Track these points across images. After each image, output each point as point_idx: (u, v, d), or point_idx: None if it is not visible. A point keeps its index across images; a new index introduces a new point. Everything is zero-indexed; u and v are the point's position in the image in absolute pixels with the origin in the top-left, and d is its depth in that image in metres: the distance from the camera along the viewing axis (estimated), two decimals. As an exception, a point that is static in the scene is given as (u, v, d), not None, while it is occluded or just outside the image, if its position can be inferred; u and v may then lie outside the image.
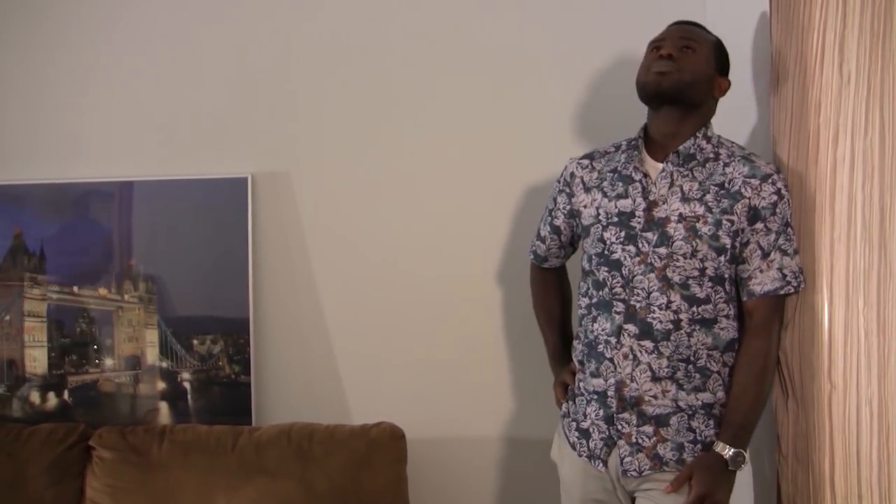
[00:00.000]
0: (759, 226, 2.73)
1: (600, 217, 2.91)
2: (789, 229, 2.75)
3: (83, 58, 3.72)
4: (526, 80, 3.60)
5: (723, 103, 2.94)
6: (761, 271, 2.75)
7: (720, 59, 2.88)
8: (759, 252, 2.75)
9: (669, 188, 2.81)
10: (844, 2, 2.63)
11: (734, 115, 3.18)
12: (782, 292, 2.75)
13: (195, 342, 3.63)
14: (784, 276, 2.74)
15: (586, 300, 2.96)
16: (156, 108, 3.70)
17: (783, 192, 2.74)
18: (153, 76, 3.70)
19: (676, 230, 2.77)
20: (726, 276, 2.78)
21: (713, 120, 2.93)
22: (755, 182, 2.74)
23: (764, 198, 2.73)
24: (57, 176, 3.66)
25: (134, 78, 3.70)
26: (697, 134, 2.82)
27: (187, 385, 3.65)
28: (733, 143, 2.89)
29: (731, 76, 2.92)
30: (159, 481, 3.37)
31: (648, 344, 2.78)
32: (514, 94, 3.61)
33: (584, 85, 3.54)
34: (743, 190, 2.74)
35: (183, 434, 3.47)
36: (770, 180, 2.74)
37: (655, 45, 2.88)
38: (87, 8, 3.72)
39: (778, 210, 2.73)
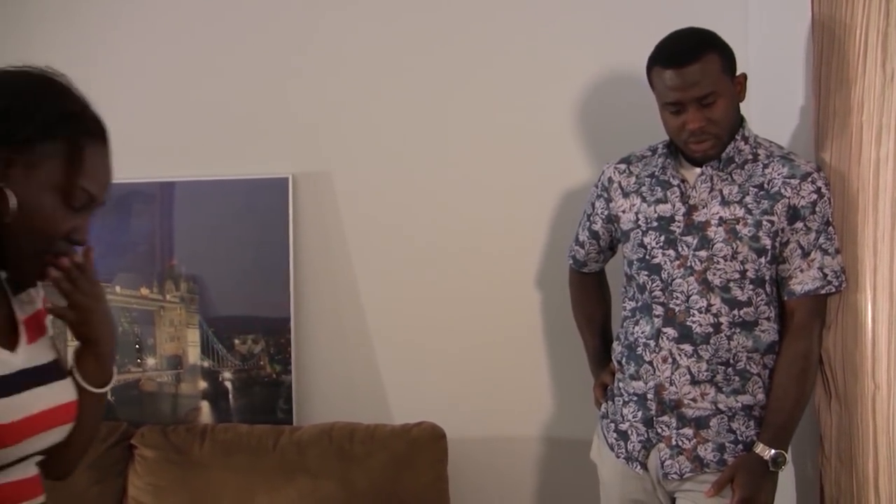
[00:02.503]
0: (800, 225, 2.71)
1: (640, 222, 2.89)
2: (830, 228, 2.73)
3: (125, 59, 3.74)
4: (566, 84, 3.59)
5: (764, 104, 2.93)
6: (802, 271, 2.73)
7: (728, 64, 2.78)
8: (799, 251, 2.72)
9: (709, 192, 2.79)
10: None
11: (776, 116, 3.16)
12: (823, 292, 2.73)
13: (236, 342, 3.65)
14: (825, 275, 2.72)
15: (631, 303, 2.95)
16: (197, 109, 3.71)
17: (823, 190, 2.72)
18: (196, 76, 3.72)
19: (717, 233, 2.75)
20: (767, 277, 2.76)
21: (754, 120, 2.91)
22: (795, 181, 2.72)
23: (804, 197, 2.70)
24: (99, 176, 3.68)
25: (176, 78, 3.72)
26: (736, 136, 2.79)
27: (229, 384, 3.66)
28: (771, 142, 2.86)
29: (772, 75, 2.91)
30: (201, 480, 3.39)
31: (688, 347, 2.77)
32: (556, 97, 3.60)
33: (622, 88, 3.52)
34: (783, 190, 2.72)
35: (224, 433, 3.48)
36: (810, 179, 2.72)
37: (674, 110, 2.76)
38: (125, 7, 3.74)
39: (818, 209, 2.71)
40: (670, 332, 2.80)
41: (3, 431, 1.68)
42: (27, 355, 1.78)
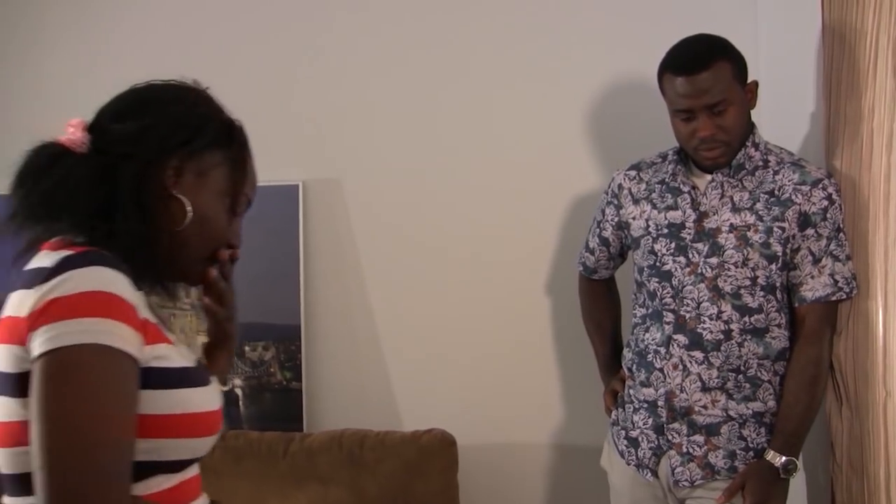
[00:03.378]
0: (810, 231, 2.71)
1: (650, 229, 2.89)
2: (841, 235, 2.73)
3: (135, 66, 3.73)
4: (577, 90, 3.59)
5: (775, 110, 2.92)
6: (812, 277, 2.72)
7: (740, 72, 2.77)
8: (810, 258, 2.72)
9: (720, 199, 2.79)
10: (898, 4, 2.60)
11: (787, 122, 3.16)
12: (834, 298, 2.73)
13: (247, 349, 3.65)
14: (836, 281, 2.72)
15: (642, 310, 2.95)
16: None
17: (834, 196, 2.72)
18: (206, 84, 3.72)
19: (727, 240, 2.75)
20: (778, 284, 2.75)
21: (765, 127, 2.90)
22: (806, 188, 2.71)
23: (814, 203, 2.70)
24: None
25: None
26: (747, 143, 2.79)
27: (239, 392, 3.67)
28: (782, 149, 2.86)
29: (783, 82, 2.90)
30: (211, 487, 3.36)
31: (698, 354, 2.77)
32: (566, 103, 3.60)
33: (632, 94, 3.52)
34: (793, 196, 2.72)
35: (235, 440, 3.48)
36: (821, 185, 2.72)
37: (685, 117, 2.76)
38: (134, 15, 3.76)
39: (829, 215, 2.70)
40: (681, 338, 2.79)
41: (213, 417, 1.75)
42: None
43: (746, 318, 2.75)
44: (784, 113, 3.14)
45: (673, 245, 2.83)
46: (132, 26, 3.77)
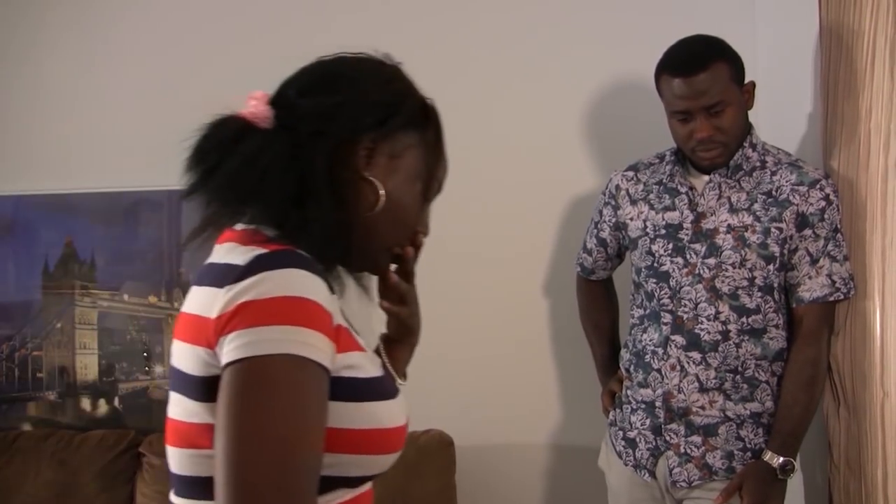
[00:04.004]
0: (808, 232, 2.71)
1: (648, 229, 2.89)
2: (838, 235, 2.73)
3: (134, 67, 3.75)
4: (574, 90, 3.59)
5: (773, 111, 2.92)
6: (810, 277, 2.73)
7: (737, 73, 2.77)
8: (807, 258, 2.72)
9: (717, 199, 2.79)
10: None
11: (784, 123, 3.16)
12: (832, 298, 2.73)
13: (244, 349, 3.64)
14: (833, 282, 2.72)
15: (639, 311, 2.95)
16: (205, 116, 3.71)
17: (832, 197, 2.72)
18: (203, 86, 3.72)
19: (725, 241, 2.75)
20: (775, 284, 2.76)
21: (762, 127, 2.91)
22: (803, 189, 2.72)
23: (812, 204, 2.70)
24: (108, 185, 3.69)
25: (184, 86, 3.72)
26: (744, 144, 2.79)
27: (235, 393, 3.66)
28: (779, 149, 2.86)
29: (781, 82, 2.90)
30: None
31: (696, 355, 2.77)
32: (563, 104, 3.60)
33: (630, 95, 3.52)
34: (791, 197, 2.72)
35: (232, 441, 3.48)
36: (818, 186, 2.72)
37: (682, 118, 2.76)
38: (134, 17, 3.75)
39: (826, 216, 2.71)
40: (678, 339, 2.80)
41: (399, 433, 1.67)
42: None
43: (744, 319, 2.75)
44: (782, 113, 3.14)
45: (671, 246, 2.83)
46: (129, 26, 3.76)
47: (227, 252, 1.54)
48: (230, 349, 1.38)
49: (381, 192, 1.66)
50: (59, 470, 3.44)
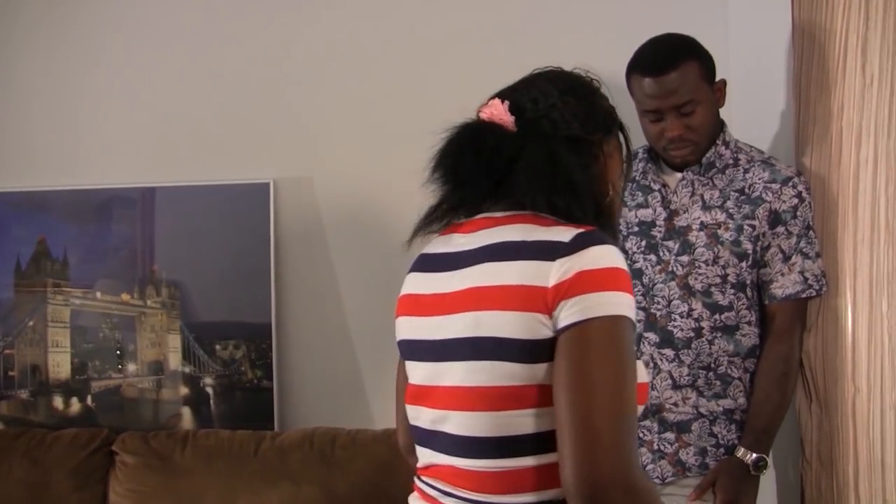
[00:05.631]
0: (781, 229, 2.72)
1: (621, 227, 2.89)
2: (811, 232, 2.75)
3: (106, 65, 3.74)
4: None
5: (745, 108, 2.93)
6: (783, 275, 2.74)
7: (707, 71, 2.79)
8: (780, 255, 2.74)
9: (690, 197, 2.80)
10: (867, 4, 2.62)
11: (757, 121, 3.17)
12: (804, 296, 2.75)
13: (218, 347, 3.64)
14: (805, 279, 2.73)
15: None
16: (178, 114, 3.70)
17: (804, 195, 2.73)
18: (175, 82, 3.72)
19: (698, 238, 2.76)
20: (748, 282, 2.77)
21: (735, 125, 2.92)
22: (776, 186, 2.73)
23: (785, 201, 2.72)
24: (80, 182, 3.67)
25: (156, 84, 3.71)
26: (717, 141, 2.80)
27: (210, 390, 3.65)
28: (752, 147, 2.87)
29: (753, 80, 2.91)
30: (182, 486, 3.38)
31: (669, 352, 2.78)
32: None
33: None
34: (764, 195, 2.73)
35: (205, 439, 3.47)
36: (791, 183, 2.73)
37: (654, 118, 2.78)
38: (106, 15, 3.73)
39: (799, 213, 2.72)
40: (651, 336, 2.80)
41: (646, 388, 1.85)
42: None
43: (717, 316, 2.76)
44: (754, 111, 3.15)
45: (644, 243, 2.84)
46: (101, 24, 3.75)
47: (523, 232, 1.75)
48: (573, 311, 1.61)
49: (611, 189, 1.90)
50: (32, 469, 3.42)
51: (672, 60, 2.72)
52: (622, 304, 1.63)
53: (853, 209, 2.66)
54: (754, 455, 2.71)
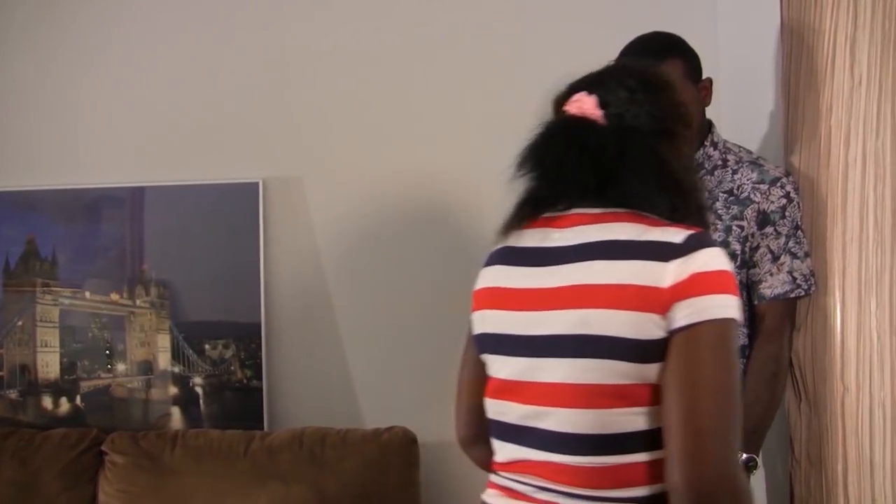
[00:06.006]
0: (769, 230, 2.72)
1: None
2: (799, 232, 2.75)
3: (96, 64, 3.73)
4: (537, 88, 3.59)
5: (734, 108, 2.93)
6: (771, 275, 2.74)
7: (692, 70, 2.78)
8: (769, 256, 2.74)
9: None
10: (855, 3, 2.63)
11: (746, 120, 3.17)
12: (793, 295, 2.75)
13: (207, 347, 3.63)
14: (794, 279, 2.73)
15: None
16: (167, 113, 3.70)
17: (792, 195, 2.74)
18: (165, 82, 3.71)
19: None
20: (737, 282, 2.77)
21: (724, 125, 2.92)
22: (764, 187, 2.73)
23: (773, 202, 2.72)
24: (69, 182, 3.67)
25: (146, 84, 3.71)
26: (705, 142, 2.80)
27: (199, 390, 3.65)
28: (741, 147, 2.87)
29: (742, 80, 2.91)
30: (172, 486, 3.37)
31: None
32: (527, 101, 3.59)
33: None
34: (752, 195, 2.73)
35: (195, 439, 3.47)
36: (779, 184, 2.73)
37: None
38: (97, 15, 3.73)
39: (787, 213, 2.72)
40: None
41: None
42: None
43: (706, 316, 2.76)
44: (743, 111, 3.16)
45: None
46: (91, 24, 3.74)
47: (631, 231, 1.76)
48: (687, 313, 1.65)
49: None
50: (20, 469, 3.41)
51: (656, 58, 2.72)
52: (732, 306, 1.68)
53: (842, 209, 2.67)
54: (744, 455, 2.70)
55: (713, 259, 1.69)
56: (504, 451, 1.90)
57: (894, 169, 2.57)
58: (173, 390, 3.65)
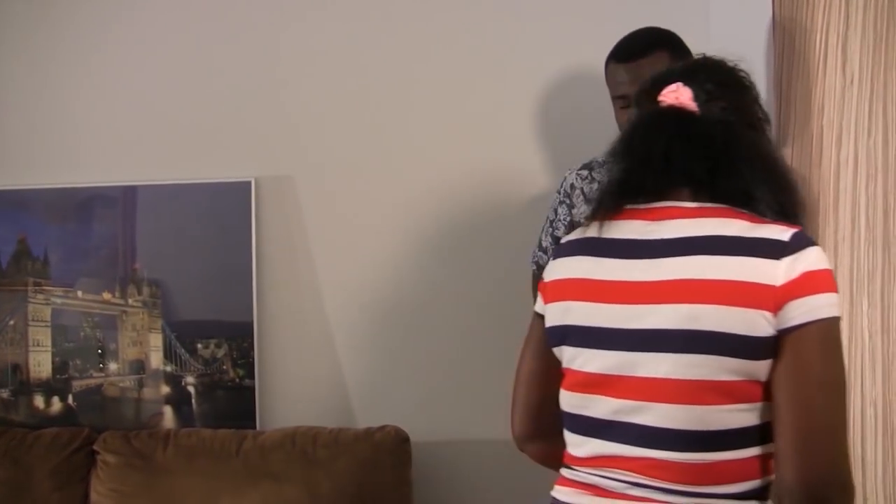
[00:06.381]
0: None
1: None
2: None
3: (88, 63, 3.73)
4: (529, 88, 3.60)
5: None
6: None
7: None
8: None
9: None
10: (847, 3, 2.63)
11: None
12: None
13: (199, 346, 3.63)
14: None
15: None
16: (159, 112, 3.70)
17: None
18: (157, 81, 3.71)
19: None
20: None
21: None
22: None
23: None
24: (61, 181, 3.67)
25: (138, 83, 3.70)
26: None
27: (192, 389, 3.65)
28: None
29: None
30: (164, 486, 3.37)
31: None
32: (519, 101, 3.60)
33: (586, 93, 3.53)
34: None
35: (187, 438, 3.47)
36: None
37: (623, 104, 2.80)
38: (90, 13, 3.73)
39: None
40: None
41: None
42: None
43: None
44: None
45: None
46: (82, 22, 3.74)
47: (737, 227, 1.76)
48: (800, 312, 1.66)
49: None
50: (12, 469, 3.41)
51: (643, 49, 2.79)
52: (838, 304, 1.69)
53: (833, 208, 2.66)
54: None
55: (820, 257, 1.71)
56: (588, 446, 1.87)
57: (886, 168, 2.57)
58: (165, 389, 3.65)
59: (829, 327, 1.67)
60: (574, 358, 1.90)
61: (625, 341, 1.79)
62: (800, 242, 1.71)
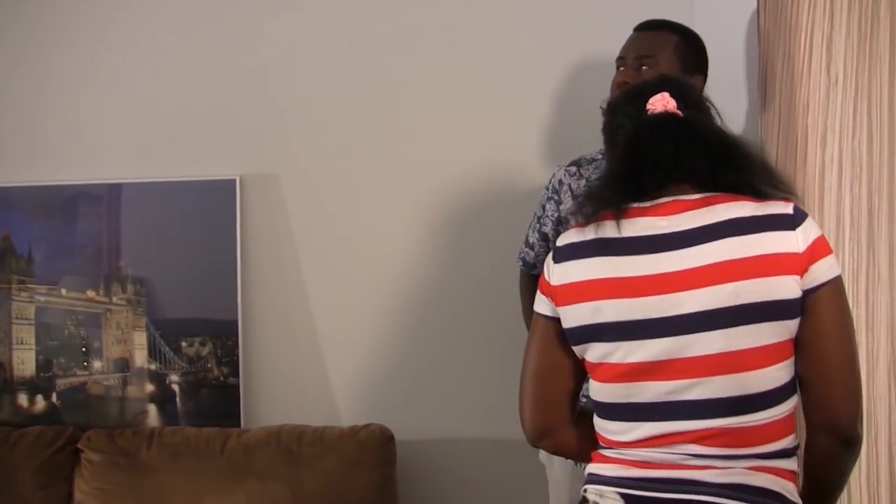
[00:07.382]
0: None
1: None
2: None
3: (73, 61, 3.72)
4: (515, 86, 3.60)
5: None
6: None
7: (687, 58, 2.88)
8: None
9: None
10: (832, 3, 2.63)
11: (723, 118, 3.17)
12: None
13: (184, 344, 3.63)
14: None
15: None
16: (144, 110, 3.69)
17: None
18: (142, 79, 3.70)
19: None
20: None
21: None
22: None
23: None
24: (45, 178, 3.65)
25: (123, 81, 3.69)
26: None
27: (176, 387, 3.64)
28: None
29: (719, 79, 2.92)
30: (148, 484, 3.36)
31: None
32: (505, 99, 3.61)
33: (573, 90, 3.54)
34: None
35: (171, 437, 3.46)
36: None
37: (619, 65, 2.93)
38: (77, 12, 3.71)
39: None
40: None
41: None
42: None
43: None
44: (719, 109, 3.16)
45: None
46: (65, 18, 3.73)
47: (747, 208, 1.95)
48: (821, 272, 1.91)
49: None
50: (-4, 467, 3.41)
51: (655, 25, 2.94)
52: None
53: (819, 208, 2.67)
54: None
55: (815, 224, 1.97)
56: (639, 430, 1.98)
57: (870, 168, 2.58)
58: (150, 388, 3.65)
59: (840, 282, 1.94)
60: (611, 352, 2.00)
61: (669, 328, 1.92)
62: (801, 213, 1.95)
